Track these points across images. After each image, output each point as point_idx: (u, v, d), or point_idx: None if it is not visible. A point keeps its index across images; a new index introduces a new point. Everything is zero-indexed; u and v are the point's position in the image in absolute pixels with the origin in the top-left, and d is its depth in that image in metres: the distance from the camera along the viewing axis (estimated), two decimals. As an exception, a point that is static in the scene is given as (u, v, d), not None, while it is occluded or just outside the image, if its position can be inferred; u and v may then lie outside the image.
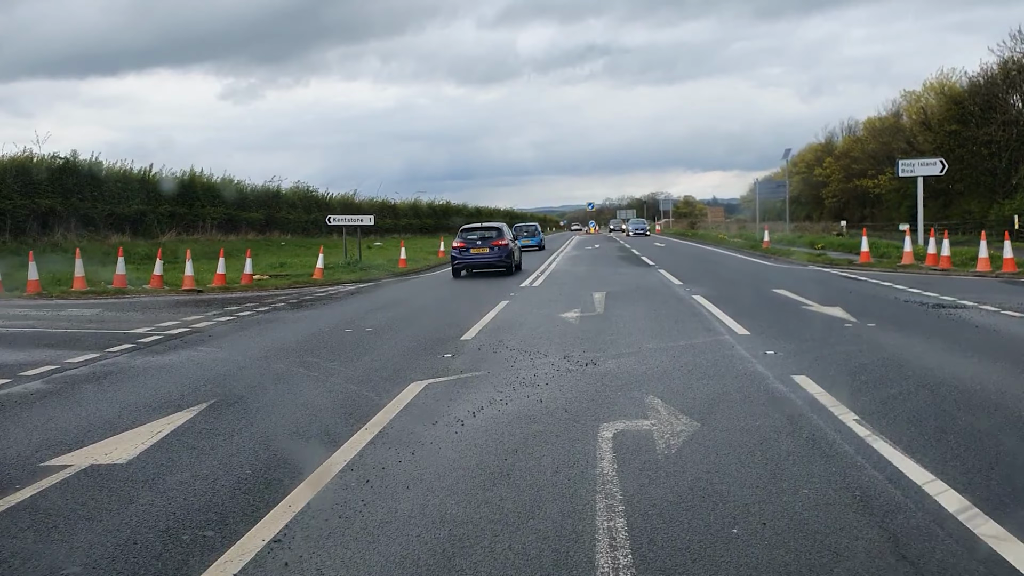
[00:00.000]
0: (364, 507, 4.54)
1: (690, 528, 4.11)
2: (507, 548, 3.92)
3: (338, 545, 4.03)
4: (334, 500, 4.68)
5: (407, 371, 8.49)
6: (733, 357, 8.77)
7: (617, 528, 4.11)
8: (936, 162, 26.71)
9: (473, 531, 4.15)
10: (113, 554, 4.01)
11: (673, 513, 4.31)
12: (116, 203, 32.33)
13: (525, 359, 8.94)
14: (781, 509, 4.33)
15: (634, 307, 13.71)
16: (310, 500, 4.67)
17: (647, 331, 10.89)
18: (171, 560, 3.94)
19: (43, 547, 4.13)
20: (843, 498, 4.48)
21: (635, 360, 8.73)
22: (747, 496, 4.54)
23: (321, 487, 4.90)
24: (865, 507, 4.34)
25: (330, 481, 5.02)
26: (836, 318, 11.78)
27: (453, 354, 9.41)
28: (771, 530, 4.06)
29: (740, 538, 3.98)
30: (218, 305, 16.02)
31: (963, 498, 4.38)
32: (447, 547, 3.98)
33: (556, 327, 11.50)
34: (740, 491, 4.62)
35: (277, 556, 3.94)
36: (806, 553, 3.79)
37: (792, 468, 5.01)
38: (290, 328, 12.41)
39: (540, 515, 4.34)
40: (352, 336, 11.25)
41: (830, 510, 4.31)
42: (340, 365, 8.96)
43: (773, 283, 17.81)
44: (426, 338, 10.88)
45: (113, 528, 4.35)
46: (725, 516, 4.26)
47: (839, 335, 10.18)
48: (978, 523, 4.06)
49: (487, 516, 4.35)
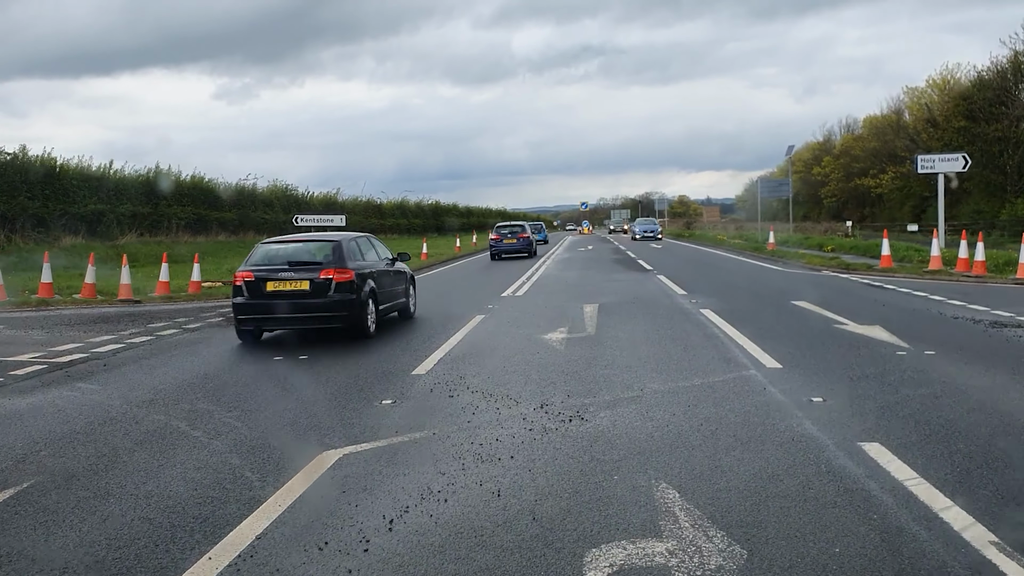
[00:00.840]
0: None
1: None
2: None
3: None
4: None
5: (324, 429, 6.19)
6: (769, 407, 6.48)
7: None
8: (959, 157, 24.48)
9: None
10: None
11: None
12: (71, 202, 29.92)
13: (488, 409, 6.65)
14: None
15: (632, 325, 11.42)
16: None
17: (649, 361, 8.60)
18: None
19: None
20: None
21: (636, 411, 6.43)
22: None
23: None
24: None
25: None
26: (882, 342, 9.51)
27: (395, 399, 7.10)
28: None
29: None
30: (144, 320, 13.69)
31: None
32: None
33: (536, 354, 9.20)
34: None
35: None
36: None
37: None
38: (211, 354, 10.08)
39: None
40: (279, 367, 8.94)
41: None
42: (239, 417, 6.64)
43: (790, 293, 15.53)
44: (370, 371, 8.57)
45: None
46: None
47: (897, 370, 7.90)
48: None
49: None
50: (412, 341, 10.58)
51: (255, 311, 10.52)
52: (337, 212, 49.21)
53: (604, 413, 6.40)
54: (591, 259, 30.89)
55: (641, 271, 22.81)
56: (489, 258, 32.93)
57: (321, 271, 10.41)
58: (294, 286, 10.37)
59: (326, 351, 9.99)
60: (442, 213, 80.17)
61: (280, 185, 47.64)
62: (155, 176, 35.90)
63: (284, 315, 10.42)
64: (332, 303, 10.33)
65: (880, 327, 10.62)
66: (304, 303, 10.35)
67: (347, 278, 10.42)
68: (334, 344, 10.55)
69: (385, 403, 6.97)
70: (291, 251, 11.10)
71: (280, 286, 10.38)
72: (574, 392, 7.19)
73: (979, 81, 49.38)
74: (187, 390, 7.84)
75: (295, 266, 10.59)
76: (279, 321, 10.62)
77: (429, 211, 76.78)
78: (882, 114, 68.67)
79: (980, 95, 48.15)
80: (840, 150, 76.97)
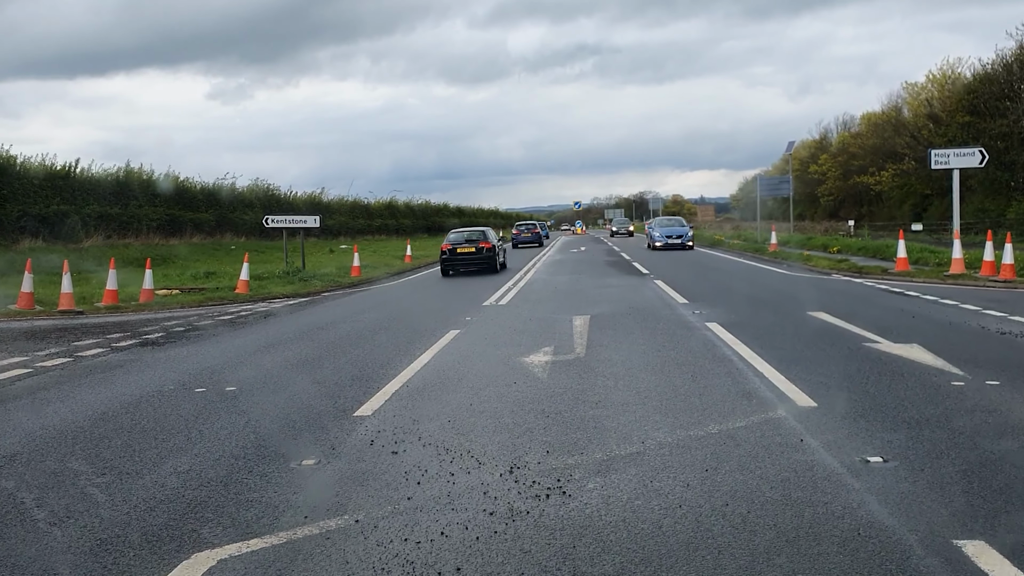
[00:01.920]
0: None
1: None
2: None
3: None
4: None
5: (210, 509, 4.54)
6: (814, 473, 4.85)
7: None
8: (975, 152, 22.84)
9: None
10: None
11: None
12: (31, 203, 28.15)
13: (440, 475, 5.00)
14: None
15: (629, 344, 9.78)
16: None
17: (651, 397, 6.96)
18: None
19: None
20: None
21: (637, 480, 4.80)
22: None
23: None
24: None
25: None
26: (928, 368, 7.90)
27: (320, 458, 5.45)
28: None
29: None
30: (74, 336, 12.01)
31: None
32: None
33: (512, 386, 7.56)
34: None
35: None
36: None
37: None
38: (124, 383, 8.41)
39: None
40: (194, 403, 7.27)
41: None
42: (107, 486, 4.98)
43: (803, 301, 13.92)
44: (304, 409, 6.92)
45: None
46: None
47: (963, 410, 6.29)
48: None
49: None
50: (368, 365, 8.92)
51: (451, 262, 23.49)
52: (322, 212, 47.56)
53: (593, 483, 4.76)
54: (583, 261, 29.25)
55: (637, 275, 21.18)
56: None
57: (480, 243, 23.64)
58: (468, 250, 23.51)
59: (262, 380, 8.32)
60: (432, 213, 78.39)
61: (261, 184, 45.86)
62: (125, 175, 34.17)
63: (463, 263, 23.42)
64: (484, 257, 23.42)
65: (919, 346, 9.01)
66: (473, 258, 23.45)
67: (489, 246, 23.65)
68: (272, 369, 8.90)
69: (306, 464, 5.31)
70: (466, 234, 24.90)
71: (463, 249, 23.51)
72: (556, 446, 5.55)
73: (984, 75, 47.89)
74: (66, 439, 6.17)
75: (469, 241, 23.98)
76: (461, 265, 23.50)
77: (419, 211, 75.01)
78: (881, 111, 67.17)
79: (985, 89, 46.67)
80: (837, 148, 75.52)
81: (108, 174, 33.38)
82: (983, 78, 47.85)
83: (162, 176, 36.49)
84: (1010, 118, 44.03)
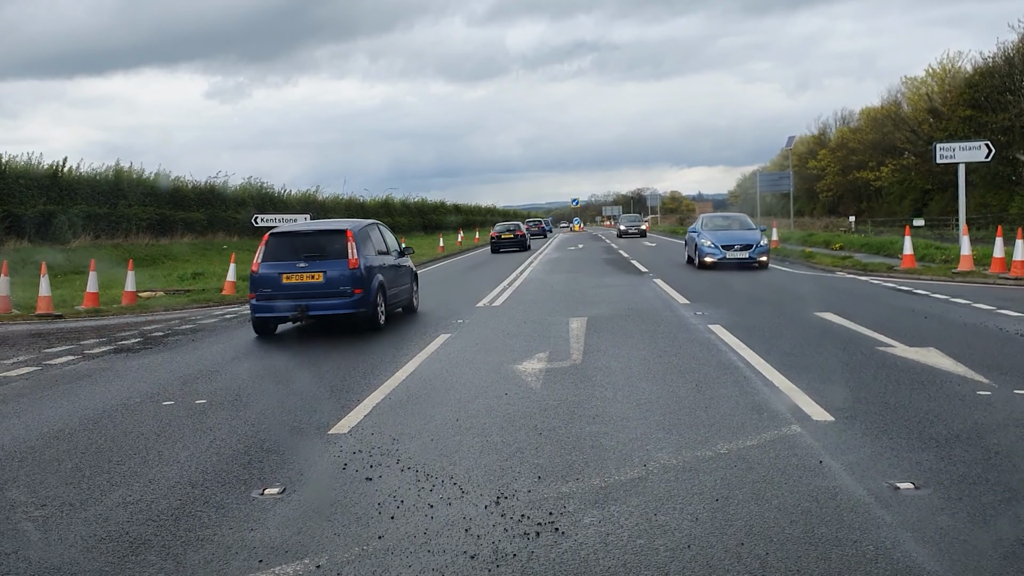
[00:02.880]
0: None
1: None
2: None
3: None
4: None
5: (157, 551, 3.99)
6: (838, 502, 4.30)
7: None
8: (981, 145, 22.29)
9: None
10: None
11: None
12: (16, 203, 27.55)
13: (418, 507, 4.45)
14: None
15: (627, 349, 9.23)
16: None
17: (653, 410, 6.41)
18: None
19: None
20: None
21: (640, 512, 4.25)
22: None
23: None
24: None
25: None
26: (949, 375, 7.36)
27: (286, 484, 4.89)
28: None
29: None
30: (48, 342, 11.45)
31: None
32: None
33: (503, 398, 7.01)
34: None
35: None
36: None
37: None
38: (89, 395, 7.85)
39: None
40: (159, 421, 6.71)
41: None
42: (42, 522, 4.43)
43: (809, 301, 13.38)
44: (276, 426, 6.36)
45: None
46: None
47: (995, 425, 5.75)
48: None
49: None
50: (350, 374, 8.37)
51: (499, 244, 37.20)
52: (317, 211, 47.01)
53: (590, 517, 4.21)
54: (581, 259, 28.70)
55: (636, 274, 20.63)
56: (478, 255, 35.70)
57: (516, 232, 38.87)
58: (509, 236, 38.19)
59: (236, 391, 7.77)
60: (429, 211, 77.83)
61: (254, 183, 45.24)
62: (115, 175, 33.57)
63: (506, 244, 37.13)
64: (518, 240, 37.98)
65: (936, 350, 8.48)
66: (513, 241, 37.79)
67: (522, 233, 39.07)
68: (248, 379, 8.35)
69: (268, 493, 4.75)
70: (508, 225, 40.00)
71: (506, 235, 37.88)
72: (548, 469, 5.00)
73: (985, 69, 47.34)
74: (12, 462, 5.61)
75: (509, 230, 38.99)
76: (504, 246, 37.09)
77: (415, 209, 74.43)
78: (880, 106, 66.58)
79: (986, 83, 46.13)
80: (836, 143, 74.96)
81: (97, 174, 32.80)
82: (984, 71, 47.32)
83: (153, 175, 35.94)
84: (1012, 111, 43.50)
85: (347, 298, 10.81)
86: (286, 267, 10.89)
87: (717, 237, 21.12)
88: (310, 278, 10.81)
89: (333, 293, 10.80)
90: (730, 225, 22.54)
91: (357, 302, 10.86)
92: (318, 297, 10.77)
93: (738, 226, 22.34)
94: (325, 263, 10.87)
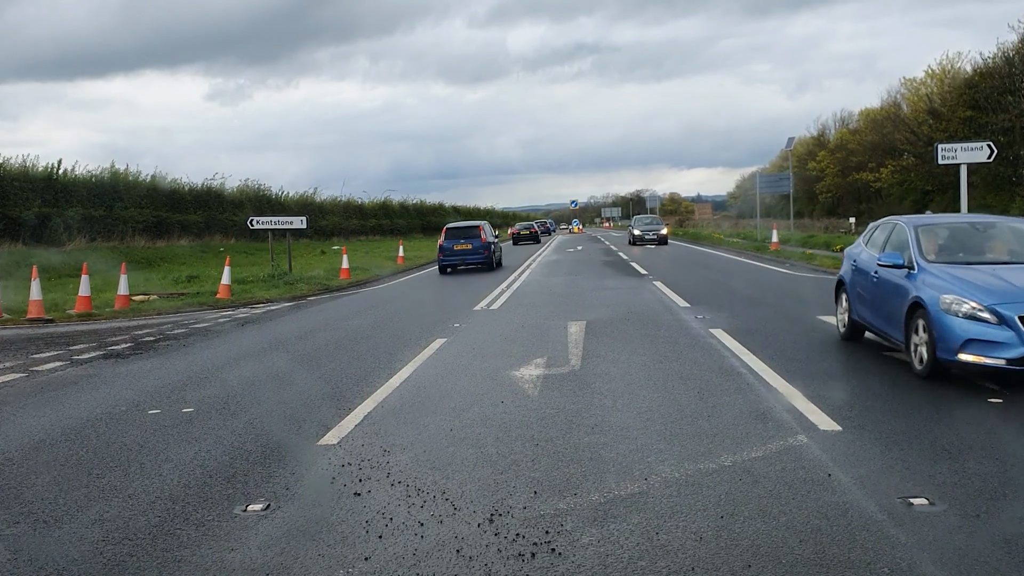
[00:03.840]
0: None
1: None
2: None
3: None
4: None
5: (131, 573, 3.78)
6: (848, 516, 4.09)
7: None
8: (983, 146, 22.07)
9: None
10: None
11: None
12: (10, 206, 27.35)
13: (407, 525, 4.24)
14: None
15: (627, 354, 9.02)
16: None
17: (654, 419, 6.20)
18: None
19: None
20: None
21: (641, 531, 4.04)
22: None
23: None
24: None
25: None
26: (959, 381, 7.15)
27: (270, 500, 4.68)
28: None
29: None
30: (34, 348, 11.25)
31: None
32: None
33: (499, 406, 6.80)
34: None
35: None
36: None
37: None
38: (78, 403, 7.64)
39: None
40: (144, 431, 6.50)
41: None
42: (12, 541, 4.22)
43: (811, 305, 13.17)
44: (265, 436, 6.15)
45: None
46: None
47: (1004, 433, 5.54)
48: None
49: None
50: (342, 381, 8.15)
51: (519, 239, 51.94)
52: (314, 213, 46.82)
53: (588, 536, 4.00)
54: (580, 261, 28.49)
55: (635, 276, 20.42)
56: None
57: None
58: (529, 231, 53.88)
59: (224, 399, 7.55)
60: (428, 213, 77.60)
61: (252, 185, 45.06)
62: (111, 177, 33.39)
63: (524, 240, 51.78)
64: (532, 235, 53.31)
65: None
66: (530, 236, 53.14)
67: (547, 227, 62.55)
68: (238, 386, 8.13)
69: (252, 509, 4.54)
70: (527, 223, 61.82)
71: (523, 232, 53.81)
72: (545, 484, 4.79)
73: (985, 69, 47.15)
74: (-13, 476, 5.41)
75: (540, 223, 66.10)
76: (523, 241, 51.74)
77: (414, 211, 74.24)
78: (880, 107, 66.41)
79: (986, 84, 45.94)
80: (835, 144, 74.78)
81: (92, 176, 32.63)
82: (984, 72, 47.11)
83: (150, 177, 35.74)
84: (1012, 112, 43.30)
85: (481, 256, 23.94)
86: (454, 241, 24.14)
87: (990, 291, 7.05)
88: (465, 247, 24.02)
89: (474, 253, 24.01)
90: (992, 248, 8.34)
91: (486, 259, 24.04)
92: (468, 255, 24.05)
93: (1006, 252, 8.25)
94: (471, 240, 24.07)
